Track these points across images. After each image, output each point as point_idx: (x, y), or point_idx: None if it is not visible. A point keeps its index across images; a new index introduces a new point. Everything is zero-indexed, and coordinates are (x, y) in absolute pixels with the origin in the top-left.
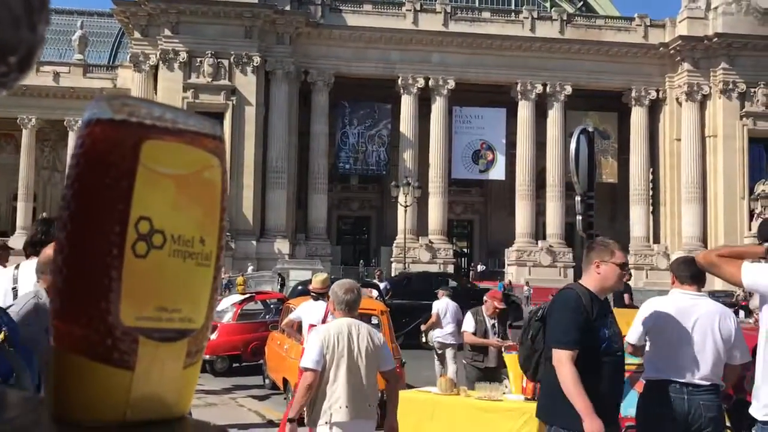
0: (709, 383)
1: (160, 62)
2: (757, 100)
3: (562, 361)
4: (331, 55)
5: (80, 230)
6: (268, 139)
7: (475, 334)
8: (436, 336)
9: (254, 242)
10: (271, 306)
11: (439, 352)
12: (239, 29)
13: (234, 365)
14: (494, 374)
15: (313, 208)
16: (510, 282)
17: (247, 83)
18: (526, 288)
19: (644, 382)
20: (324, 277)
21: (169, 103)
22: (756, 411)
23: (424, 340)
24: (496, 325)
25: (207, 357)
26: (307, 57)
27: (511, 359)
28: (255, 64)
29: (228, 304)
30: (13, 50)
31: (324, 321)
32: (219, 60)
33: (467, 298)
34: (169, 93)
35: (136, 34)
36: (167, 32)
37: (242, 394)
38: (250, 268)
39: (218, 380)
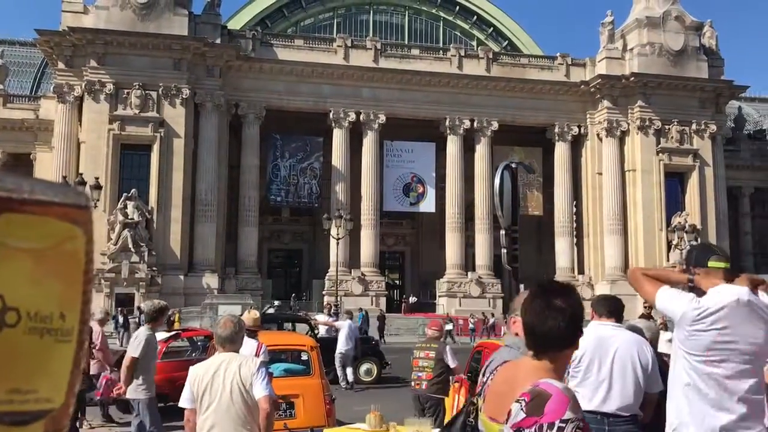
0: (628, 414)
1: (86, 93)
2: (672, 137)
3: None
4: (262, 89)
5: None
6: (197, 171)
7: None
8: (339, 350)
9: (182, 277)
10: (198, 343)
11: (341, 362)
12: (168, 61)
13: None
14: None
15: (243, 241)
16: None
17: (175, 115)
18: (472, 320)
19: None
20: (257, 316)
21: (95, 135)
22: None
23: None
24: None
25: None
26: (237, 90)
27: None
28: (184, 96)
29: None
30: None
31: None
32: (147, 92)
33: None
34: (95, 125)
35: (61, 65)
36: (93, 63)
37: None
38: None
39: None
